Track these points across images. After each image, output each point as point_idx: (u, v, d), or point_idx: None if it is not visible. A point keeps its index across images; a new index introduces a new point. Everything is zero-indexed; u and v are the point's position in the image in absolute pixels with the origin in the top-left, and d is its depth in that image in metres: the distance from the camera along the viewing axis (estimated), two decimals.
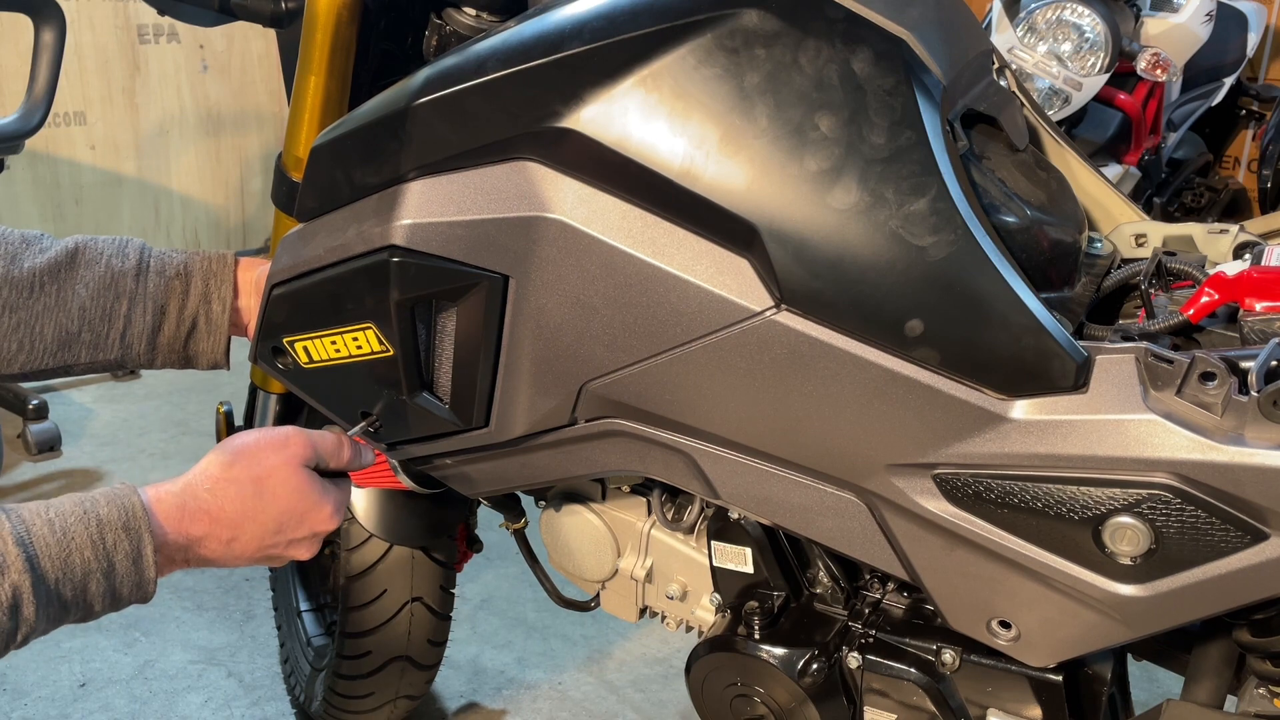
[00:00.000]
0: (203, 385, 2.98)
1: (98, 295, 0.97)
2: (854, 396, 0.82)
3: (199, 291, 1.00)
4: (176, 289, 1.00)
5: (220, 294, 1.01)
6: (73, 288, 0.97)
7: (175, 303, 1.00)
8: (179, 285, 1.00)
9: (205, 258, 1.02)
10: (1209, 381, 0.76)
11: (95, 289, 0.97)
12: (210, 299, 1.00)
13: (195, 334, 1.01)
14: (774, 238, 0.80)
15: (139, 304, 0.98)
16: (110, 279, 0.98)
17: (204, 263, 1.01)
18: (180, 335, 1.01)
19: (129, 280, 0.98)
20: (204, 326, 1.01)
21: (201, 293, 1.00)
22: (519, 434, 0.95)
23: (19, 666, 1.85)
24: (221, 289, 1.01)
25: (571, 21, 0.84)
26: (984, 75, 0.99)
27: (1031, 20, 2.60)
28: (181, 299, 1.00)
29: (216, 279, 1.01)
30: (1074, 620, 0.85)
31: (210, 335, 1.02)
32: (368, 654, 1.50)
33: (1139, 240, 1.09)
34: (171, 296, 1.00)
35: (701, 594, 1.19)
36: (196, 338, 1.01)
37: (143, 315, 0.99)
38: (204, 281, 1.00)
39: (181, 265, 1.01)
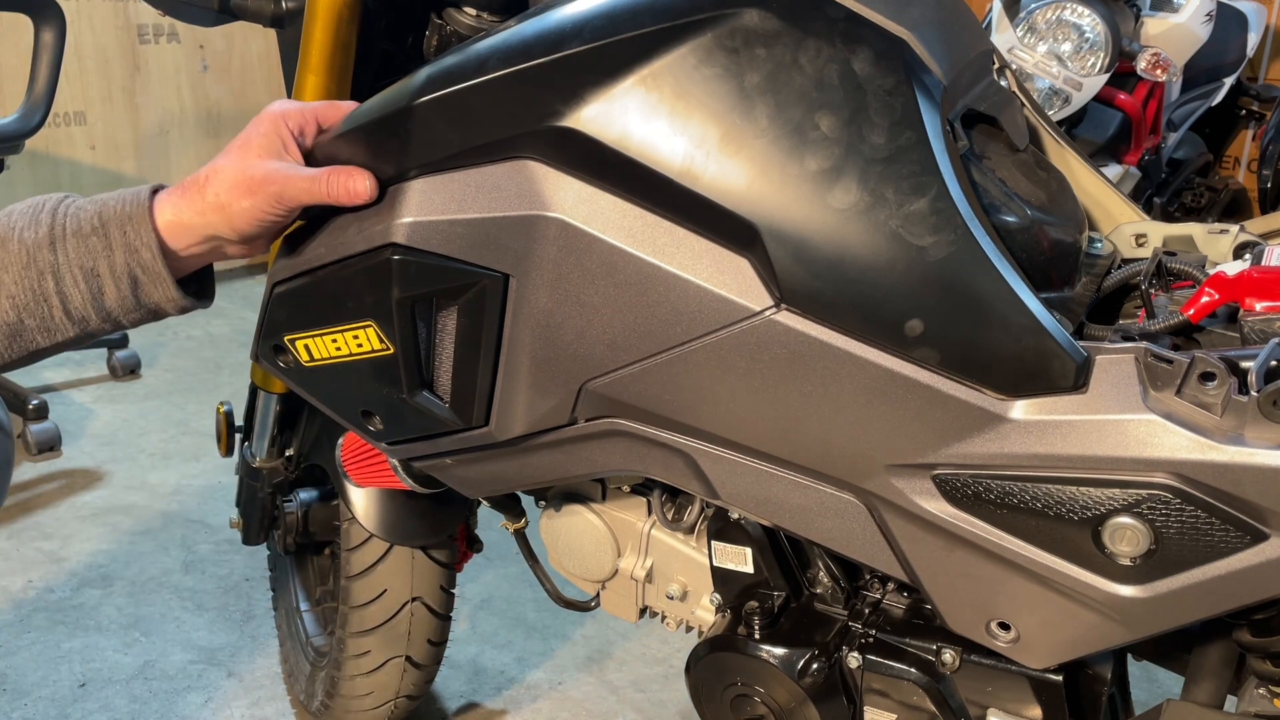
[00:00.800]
0: (203, 385, 2.98)
1: (21, 277, 0.89)
2: (854, 396, 0.82)
3: (120, 243, 0.90)
4: (97, 247, 0.90)
5: (143, 238, 0.90)
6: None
7: (103, 263, 0.90)
8: (98, 243, 0.90)
9: (120, 200, 0.92)
10: (1209, 381, 0.76)
11: (17, 271, 0.89)
12: (136, 248, 0.90)
13: (140, 288, 0.92)
14: (774, 237, 0.80)
15: (65, 275, 0.90)
16: (27, 257, 0.89)
17: (118, 208, 0.92)
18: (126, 294, 0.92)
19: (46, 253, 0.90)
20: (144, 278, 0.91)
21: (123, 244, 0.90)
22: (519, 433, 0.95)
23: (19, 667, 1.85)
24: (142, 233, 0.90)
25: (572, 21, 0.84)
26: (984, 75, 0.99)
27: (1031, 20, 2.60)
28: (108, 257, 0.90)
29: (134, 224, 0.90)
30: (1073, 621, 0.85)
31: (156, 284, 0.92)
32: (368, 654, 1.50)
33: (1139, 240, 1.09)
34: (96, 257, 0.90)
35: (701, 594, 1.19)
36: (144, 291, 0.92)
37: (75, 286, 0.90)
38: (121, 231, 0.90)
39: (95, 218, 0.91)
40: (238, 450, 1.62)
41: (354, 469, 1.31)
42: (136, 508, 2.36)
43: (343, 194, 0.90)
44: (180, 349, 3.22)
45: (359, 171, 0.90)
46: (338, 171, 0.90)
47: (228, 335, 3.34)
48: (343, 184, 0.90)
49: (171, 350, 3.20)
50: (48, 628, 1.95)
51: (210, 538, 2.25)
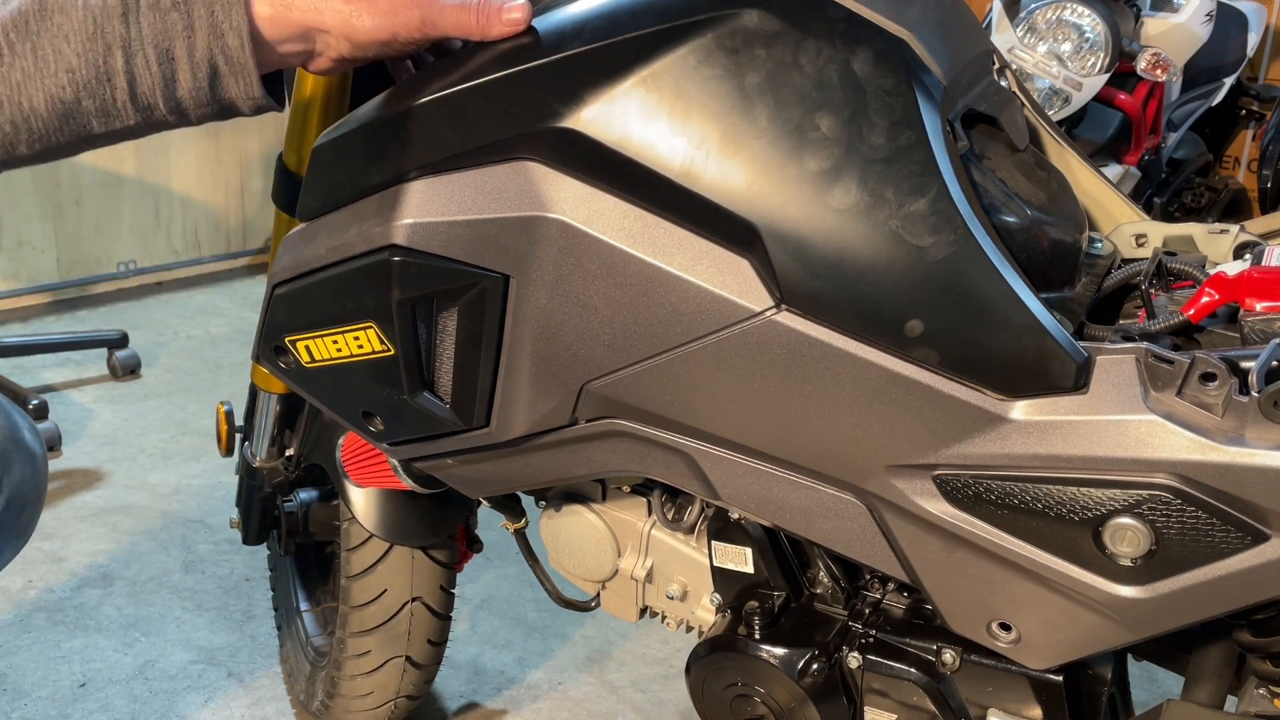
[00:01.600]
0: (203, 385, 2.98)
1: (84, 50, 0.78)
2: (854, 397, 0.82)
3: (205, 24, 0.79)
4: (177, 25, 0.79)
5: (232, 22, 0.79)
6: (51, 43, 0.78)
7: (181, 44, 0.79)
8: (178, 20, 0.79)
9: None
10: (1209, 382, 0.76)
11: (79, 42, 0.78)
12: (223, 32, 0.79)
13: (219, 79, 0.81)
14: (774, 238, 0.80)
15: (137, 54, 0.78)
16: (94, 26, 0.78)
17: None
18: (202, 85, 0.81)
19: (116, 23, 0.78)
20: (225, 69, 0.80)
21: (209, 25, 0.79)
22: (519, 434, 0.95)
23: (19, 667, 1.85)
24: (232, 15, 0.79)
25: (571, 21, 0.84)
26: (984, 75, 0.99)
27: (1031, 20, 2.60)
28: (188, 38, 0.79)
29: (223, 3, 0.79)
30: (1074, 622, 0.85)
31: (238, 78, 0.81)
32: (368, 654, 1.50)
33: (1139, 240, 1.09)
34: (174, 37, 0.79)
35: (701, 594, 1.19)
36: (223, 84, 0.81)
37: (145, 68, 0.79)
38: (209, 9, 0.79)
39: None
40: (238, 450, 1.62)
41: (354, 469, 1.31)
42: (136, 508, 2.36)
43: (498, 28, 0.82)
44: (180, 349, 3.22)
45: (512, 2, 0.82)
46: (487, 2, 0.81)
47: (228, 335, 3.34)
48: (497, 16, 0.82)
49: (171, 350, 3.20)
50: (48, 628, 1.95)
51: (210, 538, 2.25)
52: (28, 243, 3.32)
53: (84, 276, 3.50)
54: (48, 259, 3.38)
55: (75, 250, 3.44)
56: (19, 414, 1.12)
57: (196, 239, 3.77)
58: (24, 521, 1.11)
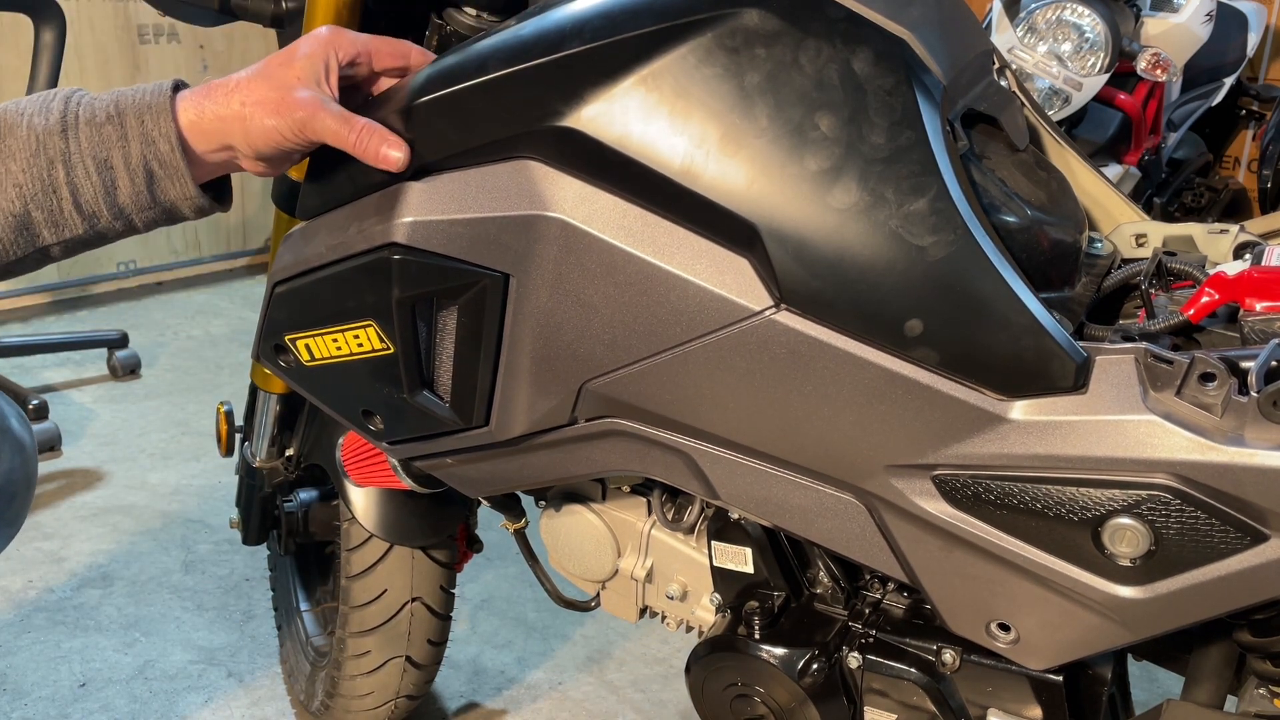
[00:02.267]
0: (203, 385, 2.98)
1: (29, 165, 0.84)
2: (853, 397, 0.82)
3: (137, 133, 0.85)
4: (112, 136, 0.85)
5: (161, 129, 0.85)
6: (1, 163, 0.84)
7: (118, 153, 0.85)
8: (113, 132, 0.85)
9: (138, 92, 0.87)
10: (1209, 382, 0.76)
11: (24, 158, 0.84)
12: (154, 139, 0.85)
13: (156, 183, 0.87)
14: (774, 237, 0.80)
15: (77, 165, 0.85)
16: (36, 143, 0.84)
17: (136, 98, 0.86)
18: (141, 189, 0.87)
19: (56, 139, 0.84)
20: (161, 172, 0.86)
21: (140, 134, 0.85)
22: (519, 433, 0.95)
23: (19, 667, 1.85)
24: (161, 124, 0.85)
25: (572, 21, 0.84)
26: (984, 75, 0.99)
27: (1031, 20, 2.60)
28: (123, 147, 0.85)
29: (153, 114, 0.85)
30: (1074, 622, 0.85)
31: (174, 180, 0.87)
32: (368, 654, 1.50)
33: (1139, 240, 1.09)
34: (110, 147, 0.85)
35: (701, 594, 1.19)
36: (160, 186, 0.87)
37: (86, 177, 0.85)
38: (139, 121, 0.85)
39: (111, 107, 0.86)
40: (238, 450, 1.62)
41: (354, 469, 1.31)
42: (136, 508, 2.36)
43: (372, 155, 0.85)
44: (180, 349, 3.22)
45: (397, 140, 0.86)
46: (375, 129, 0.85)
47: (228, 335, 3.34)
48: (376, 145, 0.85)
49: (171, 350, 3.20)
50: (48, 628, 1.95)
51: (210, 538, 2.25)
52: None
53: (84, 276, 3.50)
54: None
55: None
56: (6, 402, 1.12)
57: (196, 239, 3.77)
58: (14, 511, 1.12)
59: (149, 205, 0.88)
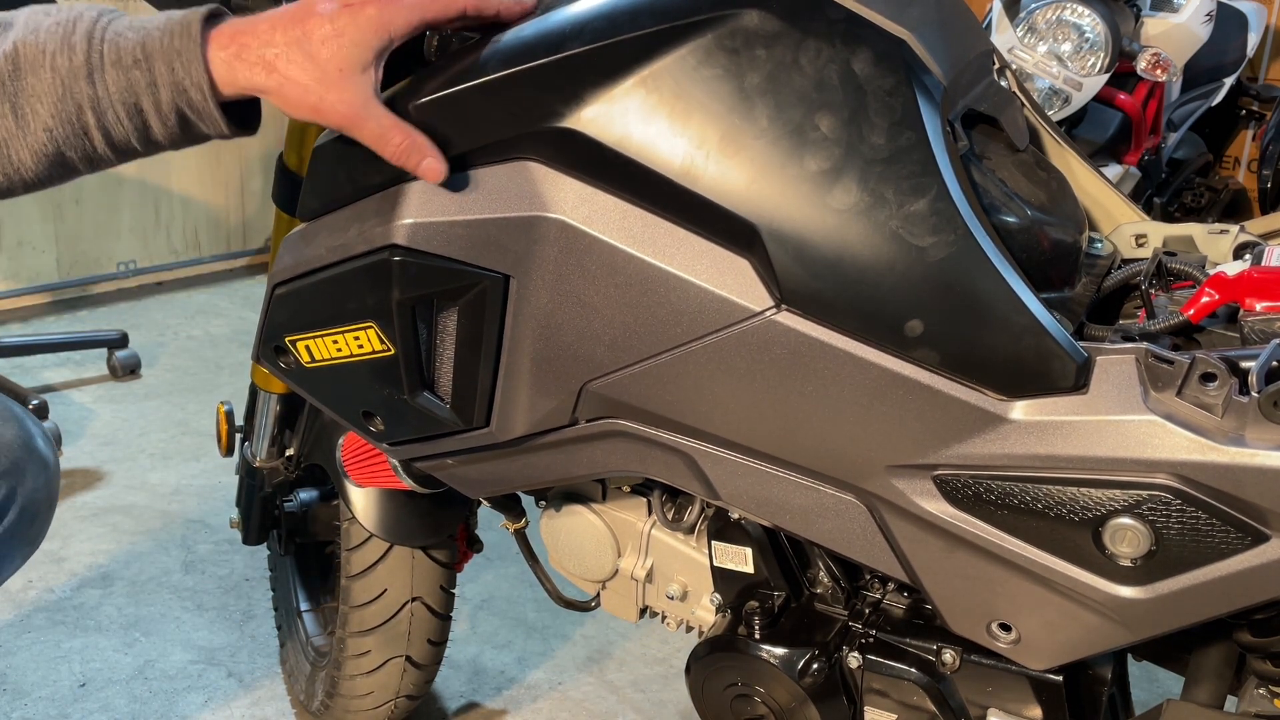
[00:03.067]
0: (203, 385, 2.98)
1: (57, 111, 0.82)
2: (854, 397, 0.82)
3: (167, 80, 0.83)
4: (140, 82, 0.83)
5: (193, 78, 0.83)
6: (28, 103, 0.82)
7: (148, 99, 0.83)
8: (141, 78, 0.83)
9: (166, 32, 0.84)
10: (1209, 382, 0.76)
11: (51, 103, 0.82)
12: (185, 88, 0.83)
13: (189, 124, 0.86)
14: (774, 238, 0.80)
15: (107, 110, 0.83)
16: (61, 88, 0.82)
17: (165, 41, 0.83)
18: (174, 129, 0.86)
19: (82, 84, 0.82)
20: (193, 116, 0.85)
21: (170, 81, 0.83)
22: (520, 434, 0.95)
23: (19, 667, 1.85)
24: (192, 71, 0.83)
25: (572, 21, 0.85)
26: (984, 75, 0.99)
27: (1031, 20, 2.60)
28: (152, 93, 0.83)
29: (183, 61, 0.83)
30: (1074, 623, 0.85)
31: (205, 122, 0.86)
32: (368, 654, 1.50)
33: (1139, 240, 1.09)
34: (139, 93, 0.83)
35: (701, 594, 1.19)
36: (193, 127, 0.86)
37: (118, 122, 0.84)
38: (169, 68, 0.83)
39: (139, 48, 0.83)
40: (238, 450, 1.62)
41: (354, 469, 1.31)
42: (136, 508, 2.36)
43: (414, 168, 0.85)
44: (180, 349, 3.21)
45: (435, 150, 0.85)
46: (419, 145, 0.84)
47: (228, 335, 3.34)
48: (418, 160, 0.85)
49: (171, 350, 3.20)
50: (48, 628, 1.95)
51: (210, 538, 2.25)
52: (28, 243, 3.32)
53: (84, 276, 3.50)
54: (48, 259, 3.38)
55: (75, 250, 3.44)
56: (32, 421, 1.12)
57: (196, 239, 3.76)
58: (35, 530, 1.11)
59: (182, 139, 0.87)
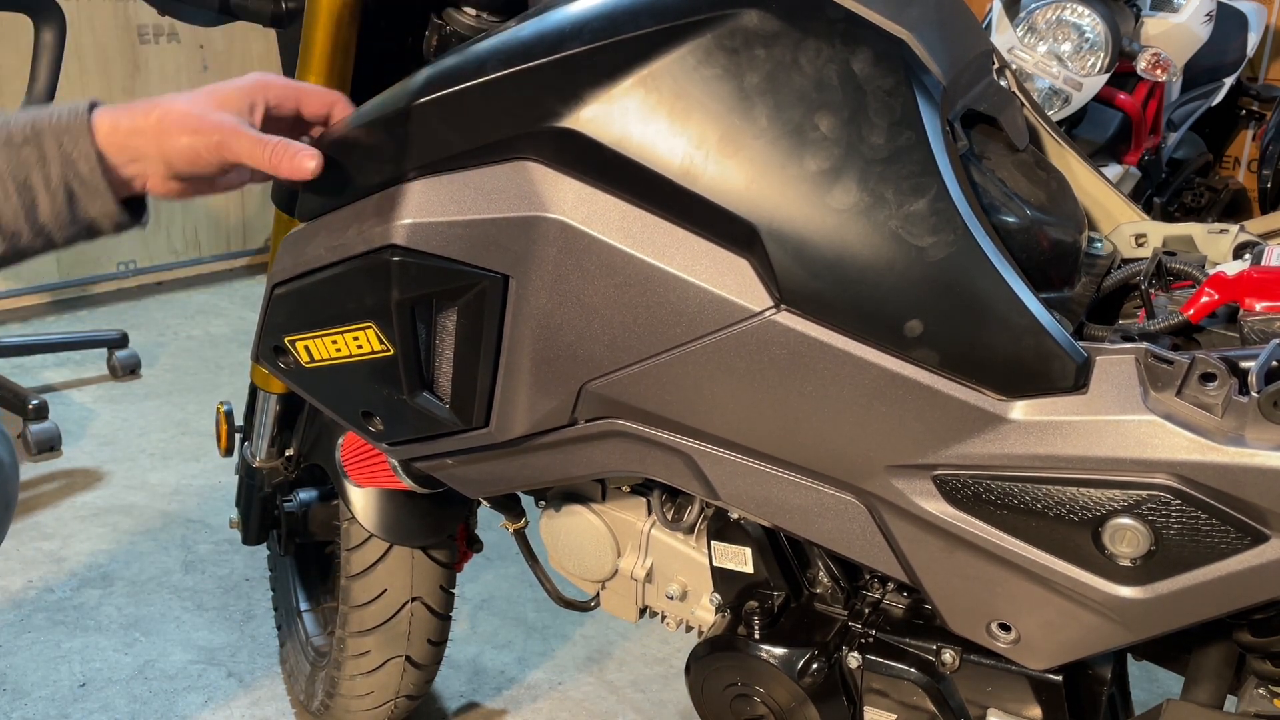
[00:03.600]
0: (203, 385, 2.98)
1: None
2: (853, 397, 0.82)
3: (56, 155, 0.86)
4: (31, 158, 0.86)
5: (81, 150, 0.86)
6: None
7: (37, 174, 0.86)
8: (31, 153, 0.86)
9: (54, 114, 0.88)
10: (1209, 382, 0.76)
11: None
12: (74, 160, 0.87)
13: (76, 201, 0.88)
14: (774, 238, 0.80)
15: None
16: None
17: (53, 120, 0.87)
18: (61, 208, 0.88)
19: None
20: (81, 191, 0.88)
21: (59, 156, 0.86)
22: (519, 434, 0.95)
23: (19, 666, 1.85)
24: (80, 144, 0.86)
25: (571, 21, 0.84)
26: (984, 75, 0.99)
27: (1031, 20, 2.60)
28: (42, 168, 0.86)
29: (71, 135, 0.87)
30: (1074, 623, 0.85)
31: (94, 198, 0.88)
32: (368, 653, 1.50)
33: (1139, 240, 1.09)
34: (30, 168, 0.86)
35: (701, 594, 1.19)
36: (81, 205, 0.88)
37: (6, 199, 0.86)
38: (57, 143, 0.86)
39: (29, 128, 0.87)
40: (238, 450, 1.62)
41: (354, 469, 1.31)
42: (136, 508, 2.36)
43: (286, 167, 0.88)
44: (180, 349, 3.21)
45: (308, 150, 0.88)
46: (287, 144, 0.88)
47: (228, 335, 3.34)
48: (288, 157, 0.88)
49: (171, 350, 3.20)
50: (48, 628, 1.95)
51: (210, 538, 2.25)
52: None
53: (84, 276, 3.50)
54: (48, 259, 3.38)
55: (75, 250, 3.43)
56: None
57: (196, 239, 3.76)
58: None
59: (70, 222, 0.89)
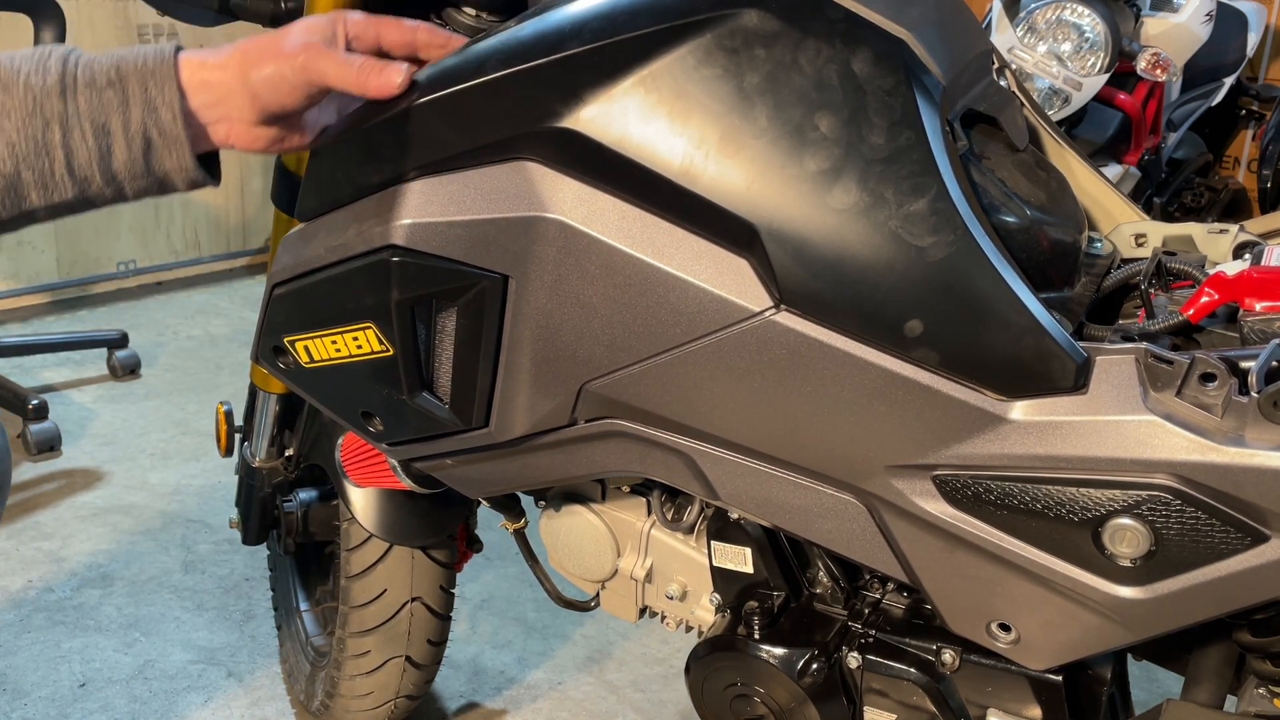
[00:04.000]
0: (203, 385, 2.98)
1: (24, 125, 0.82)
2: (853, 397, 0.82)
3: (140, 99, 0.84)
4: (113, 101, 0.84)
5: (166, 98, 0.84)
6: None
7: (117, 119, 0.84)
8: (114, 97, 0.84)
9: (139, 56, 0.85)
10: (1209, 382, 0.76)
11: (19, 118, 0.82)
12: (156, 106, 0.84)
13: (153, 151, 0.86)
14: (773, 238, 0.80)
15: (74, 128, 0.83)
16: (33, 103, 0.82)
17: (139, 63, 0.85)
18: (137, 157, 0.86)
19: (54, 101, 0.83)
20: (159, 140, 0.85)
21: (143, 100, 0.84)
22: (519, 434, 0.95)
23: (19, 666, 1.85)
24: (165, 91, 0.84)
25: (571, 21, 0.84)
26: (984, 75, 0.99)
27: (1031, 20, 2.60)
28: (123, 113, 0.84)
29: (156, 80, 0.84)
30: (1074, 623, 0.85)
31: (171, 150, 0.86)
32: (368, 654, 1.50)
33: (1139, 240, 1.09)
34: (110, 112, 0.84)
35: (701, 594, 1.19)
36: (156, 156, 0.86)
37: (83, 141, 0.84)
38: (142, 87, 0.84)
39: (113, 71, 0.84)
40: (238, 450, 1.62)
41: (354, 469, 1.31)
42: (136, 508, 2.36)
43: (374, 85, 0.86)
44: (180, 349, 3.21)
45: (395, 65, 0.86)
46: (373, 61, 0.86)
47: (228, 335, 3.34)
48: (376, 74, 0.86)
49: (171, 350, 3.20)
50: (48, 628, 1.95)
51: (210, 538, 2.25)
52: (28, 242, 3.32)
53: (84, 276, 3.50)
54: (48, 259, 3.38)
55: (75, 250, 3.44)
56: None
57: (196, 239, 3.76)
58: None
59: (143, 174, 0.87)
